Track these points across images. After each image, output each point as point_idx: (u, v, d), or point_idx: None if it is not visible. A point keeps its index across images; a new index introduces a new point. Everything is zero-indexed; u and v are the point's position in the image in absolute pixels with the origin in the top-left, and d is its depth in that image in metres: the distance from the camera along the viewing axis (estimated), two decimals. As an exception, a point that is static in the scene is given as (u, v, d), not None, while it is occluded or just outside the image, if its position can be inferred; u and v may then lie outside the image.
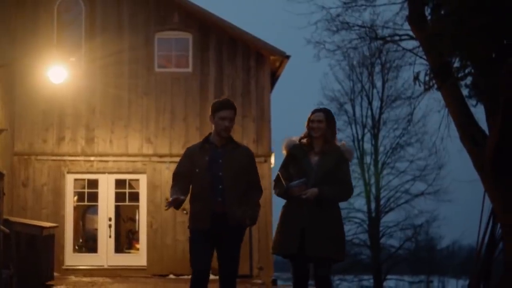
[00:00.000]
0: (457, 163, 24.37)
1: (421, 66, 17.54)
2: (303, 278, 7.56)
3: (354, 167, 38.39)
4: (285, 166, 7.69)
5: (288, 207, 7.57)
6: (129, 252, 19.62)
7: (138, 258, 19.01)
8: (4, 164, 16.88)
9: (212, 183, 7.13)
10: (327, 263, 7.43)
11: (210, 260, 7.08)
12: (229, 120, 7.22)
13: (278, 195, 7.64)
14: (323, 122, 7.53)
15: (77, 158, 19.03)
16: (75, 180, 19.13)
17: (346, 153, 7.62)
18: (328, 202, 7.41)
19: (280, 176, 7.60)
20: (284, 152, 7.75)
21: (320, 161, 7.52)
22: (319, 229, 7.33)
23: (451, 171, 40.61)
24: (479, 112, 16.62)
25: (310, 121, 7.59)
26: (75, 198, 19.24)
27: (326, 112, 7.65)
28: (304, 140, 7.65)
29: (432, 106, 29.67)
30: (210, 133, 7.37)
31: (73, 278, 17.30)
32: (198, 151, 7.28)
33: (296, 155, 7.60)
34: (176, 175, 7.35)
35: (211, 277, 6.99)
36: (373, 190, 38.81)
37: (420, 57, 17.61)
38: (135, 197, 19.15)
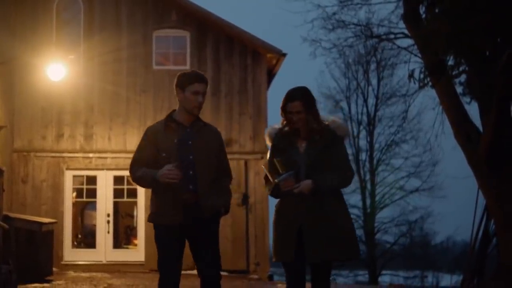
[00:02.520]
0: (451, 160, 24.51)
1: (416, 64, 17.67)
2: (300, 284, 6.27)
3: (350, 165, 38.55)
4: (272, 159, 6.29)
5: (280, 207, 6.28)
6: (127, 248, 19.70)
7: (136, 253, 19.12)
8: (4, 160, 16.94)
9: (182, 169, 6.04)
10: (329, 269, 6.22)
11: (181, 263, 6.14)
12: (202, 95, 6.20)
13: (270, 194, 6.36)
14: (302, 113, 6.14)
15: (76, 154, 19.14)
16: (74, 176, 19.25)
17: (339, 130, 6.29)
18: (327, 193, 6.10)
19: (266, 171, 6.29)
20: (269, 143, 6.48)
21: (308, 147, 6.19)
22: (320, 227, 6.03)
23: (446, 167, 40.85)
24: (473, 110, 16.76)
25: (286, 112, 6.20)
26: (74, 194, 19.33)
27: (303, 98, 6.19)
28: (286, 128, 6.29)
29: (426, 103, 29.91)
30: (173, 110, 6.36)
31: (72, 273, 17.32)
32: (163, 131, 6.22)
33: (280, 145, 6.30)
34: (136, 163, 6.29)
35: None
36: (368, 186, 38.95)
37: (415, 55, 17.72)
38: (133, 193, 19.24)
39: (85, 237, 19.92)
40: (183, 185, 6.04)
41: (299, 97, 6.16)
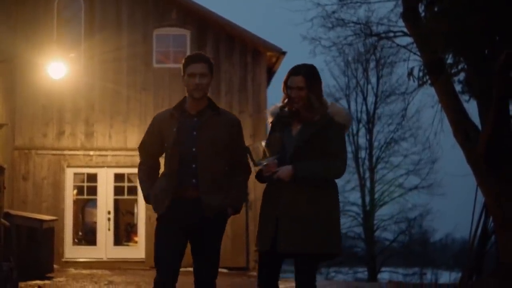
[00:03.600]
0: (450, 158, 24.58)
1: (415, 62, 17.74)
2: (270, 283, 5.72)
3: (348, 161, 38.64)
4: (258, 143, 5.80)
5: (265, 192, 5.78)
6: (127, 245, 19.75)
7: (136, 250, 19.16)
8: (5, 158, 16.97)
9: (183, 161, 5.59)
10: (308, 263, 5.53)
11: (180, 259, 5.65)
12: (200, 76, 5.63)
13: (257, 179, 5.81)
14: (303, 90, 5.58)
15: (77, 152, 19.18)
16: (75, 174, 19.27)
17: (337, 116, 5.65)
18: (309, 181, 5.50)
19: (249, 154, 5.74)
20: (269, 121, 5.93)
21: (301, 131, 5.63)
22: (298, 216, 5.46)
23: (445, 165, 40.83)
24: (472, 108, 16.84)
25: (287, 87, 5.65)
26: (75, 191, 19.37)
27: (307, 74, 5.62)
28: (287, 108, 5.76)
29: (425, 101, 29.97)
30: (184, 97, 5.81)
31: (72, 270, 17.34)
32: (168, 119, 5.74)
33: (276, 126, 5.81)
34: (141, 149, 5.94)
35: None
36: (368, 184, 39.02)
37: (414, 54, 17.79)
38: (133, 190, 19.26)
39: (86, 234, 19.96)
40: (183, 179, 5.60)
41: (303, 72, 5.61)
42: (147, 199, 5.79)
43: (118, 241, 19.54)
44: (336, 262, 38.35)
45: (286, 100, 5.72)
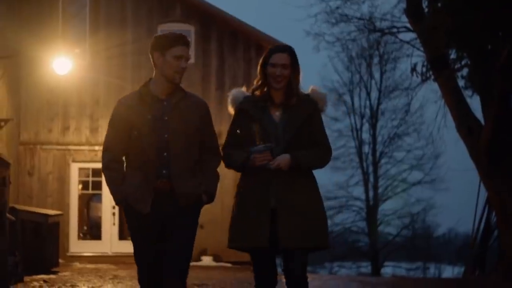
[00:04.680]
0: (453, 153, 24.63)
1: (418, 57, 17.79)
2: (271, 282, 5.41)
3: (352, 156, 38.78)
4: (233, 130, 5.43)
5: (247, 182, 5.37)
6: (132, 240, 19.84)
7: (141, 245, 19.23)
8: (10, 153, 17.01)
9: (156, 150, 5.18)
10: (302, 255, 5.31)
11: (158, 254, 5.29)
12: (185, 60, 5.28)
13: (234, 166, 5.40)
14: (288, 69, 5.30)
15: (82, 147, 19.23)
16: (80, 169, 19.35)
17: (320, 102, 5.46)
18: (302, 171, 5.32)
19: (228, 143, 5.42)
20: (232, 110, 5.49)
21: (286, 117, 5.33)
22: (296, 210, 5.23)
23: (448, 160, 40.80)
24: (475, 103, 16.91)
25: (269, 65, 5.32)
26: (80, 186, 19.45)
27: (292, 52, 5.37)
28: (257, 92, 5.41)
29: (429, 96, 29.82)
30: (149, 79, 5.40)
31: (77, 265, 17.44)
32: (137, 104, 5.28)
33: (249, 111, 5.35)
34: (110, 143, 5.35)
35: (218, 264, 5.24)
36: (371, 179, 39.08)
37: (418, 49, 17.85)
38: (138, 185, 19.34)
39: (91, 229, 20.04)
40: (156, 170, 5.19)
41: (289, 51, 5.36)
42: (123, 202, 5.29)
43: (123, 236, 19.55)
44: (340, 257, 38.51)
45: (259, 82, 5.40)
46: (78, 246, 19.14)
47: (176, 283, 5.19)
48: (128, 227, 5.40)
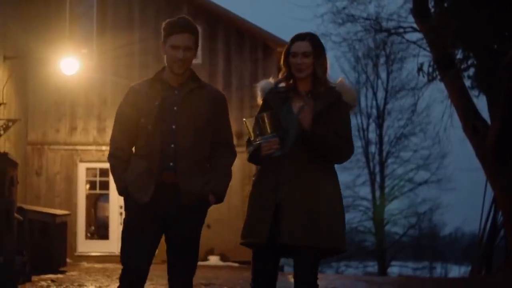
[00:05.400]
0: (459, 152, 24.64)
1: (425, 57, 17.83)
2: (269, 282, 5.08)
3: (359, 156, 38.78)
4: (258, 115, 5.02)
5: (258, 177, 5.07)
6: (139, 239, 19.84)
7: (148, 245, 19.25)
8: (18, 153, 17.04)
9: (162, 140, 4.83)
10: (312, 257, 4.89)
11: (150, 254, 4.93)
12: (184, 50, 4.81)
13: (250, 159, 5.06)
14: (310, 56, 4.97)
15: (89, 147, 19.28)
16: (87, 169, 19.37)
17: (346, 95, 5.05)
18: (314, 152, 4.90)
19: (249, 129, 4.99)
20: (260, 100, 5.18)
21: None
22: (301, 206, 4.83)
23: (454, 160, 40.81)
24: (481, 103, 16.92)
25: (291, 54, 5.01)
26: (87, 186, 19.49)
27: (313, 39, 5.06)
28: (283, 84, 5.13)
29: (435, 96, 29.83)
30: (163, 67, 5.02)
31: (85, 264, 17.46)
32: (147, 91, 4.90)
33: (271, 101, 5.06)
34: (117, 132, 5.01)
35: (221, 263, 4.78)
36: (378, 178, 39.09)
37: (424, 49, 17.87)
38: (145, 185, 19.35)
39: (98, 229, 20.04)
40: (161, 162, 4.83)
41: (309, 38, 5.05)
42: (125, 191, 4.99)
43: (130, 235, 19.61)
44: (346, 256, 38.51)
45: (285, 75, 5.09)
46: (85, 245, 19.19)
47: (183, 283, 4.92)
48: (124, 220, 5.04)
